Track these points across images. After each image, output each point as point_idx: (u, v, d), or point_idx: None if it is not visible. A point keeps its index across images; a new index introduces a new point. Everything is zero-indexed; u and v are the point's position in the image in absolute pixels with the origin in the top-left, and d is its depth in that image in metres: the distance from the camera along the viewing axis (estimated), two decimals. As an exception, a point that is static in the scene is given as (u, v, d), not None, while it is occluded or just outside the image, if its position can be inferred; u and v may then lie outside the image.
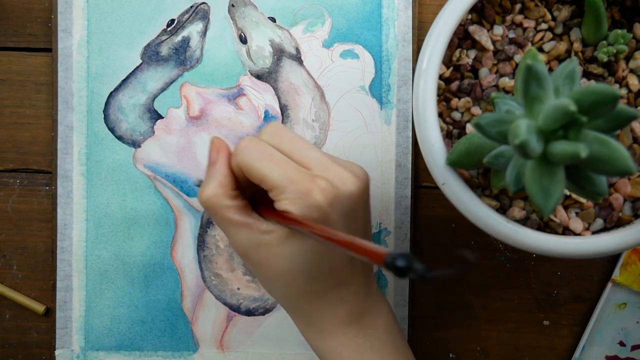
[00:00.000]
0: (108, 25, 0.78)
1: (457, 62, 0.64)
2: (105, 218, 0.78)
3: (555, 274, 0.79)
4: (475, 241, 0.79)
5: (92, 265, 0.78)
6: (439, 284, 0.80)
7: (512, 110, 0.52)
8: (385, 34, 0.78)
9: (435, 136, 0.60)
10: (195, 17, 0.78)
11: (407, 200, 0.78)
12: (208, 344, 0.79)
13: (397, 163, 0.78)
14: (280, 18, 0.78)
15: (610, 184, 0.63)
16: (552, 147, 0.48)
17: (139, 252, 0.79)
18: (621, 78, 0.63)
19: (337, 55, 0.78)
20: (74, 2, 0.77)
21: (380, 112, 0.78)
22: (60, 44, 0.78)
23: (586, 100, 0.47)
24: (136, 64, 0.78)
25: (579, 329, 0.80)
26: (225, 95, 0.78)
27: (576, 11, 0.64)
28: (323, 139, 0.78)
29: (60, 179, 0.78)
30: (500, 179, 0.60)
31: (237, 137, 0.78)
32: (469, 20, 0.64)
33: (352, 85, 0.78)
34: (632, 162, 0.47)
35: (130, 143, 0.78)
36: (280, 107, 0.78)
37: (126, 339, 0.79)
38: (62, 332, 0.79)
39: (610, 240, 0.60)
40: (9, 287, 0.80)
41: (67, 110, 0.77)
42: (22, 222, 0.80)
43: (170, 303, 0.79)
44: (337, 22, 0.78)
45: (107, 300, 0.79)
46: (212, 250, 0.79)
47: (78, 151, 0.78)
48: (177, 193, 0.78)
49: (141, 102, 0.78)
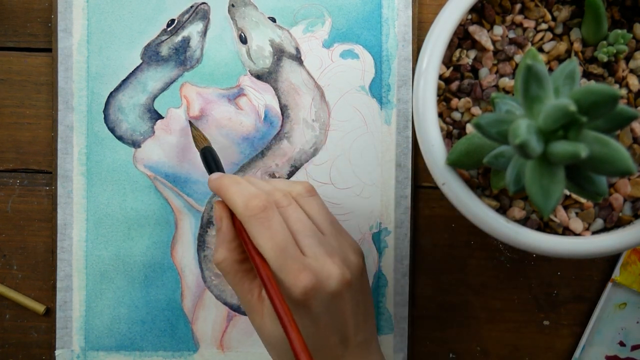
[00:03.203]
0: (108, 25, 0.78)
1: (457, 62, 0.64)
2: (106, 218, 0.78)
3: (555, 274, 0.79)
4: (475, 241, 0.79)
5: (92, 265, 0.78)
6: (439, 284, 0.80)
7: (512, 110, 0.52)
8: (385, 34, 0.78)
9: (435, 136, 0.60)
10: (195, 17, 0.78)
11: (407, 200, 0.78)
12: (208, 344, 0.79)
13: (397, 163, 0.77)
14: (281, 18, 0.78)
15: (610, 184, 0.62)
16: (552, 147, 0.48)
17: (139, 252, 0.79)
18: (621, 78, 0.62)
19: (337, 55, 0.78)
20: (74, 2, 0.77)
21: (380, 112, 0.78)
22: (60, 44, 0.77)
23: (586, 100, 0.47)
24: (136, 64, 0.78)
25: (579, 329, 0.80)
26: (226, 95, 0.78)
27: (576, 11, 0.64)
28: (323, 139, 0.78)
29: (61, 179, 0.78)
30: (500, 179, 0.59)
31: (238, 137, 0.78)
32: (469, 20, 0.64)
33: (352, 85, 0.78)
34: (632, 162, 0.47)
35: (130, 143, 0.78)
36: (280, 107, 0.78)
37: (126, 339, 0.79)
38: (62, 332, 0.78)
39: (610, 240, 0.60)
40: (9, 287, 0.80)
41: (67, 110, 0.77)
42: (22, 222, 0.80)
43: (171, 303, 0.79)
44: (337, 22, 0.78)
45: (107, 300, 0.79)
46: (212, 250, 0.78)
47: (78, 151, 0.78)
48: (177, 193, 0.78)
49: (141, 102, 0.78)
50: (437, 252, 0.80)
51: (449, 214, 0.79)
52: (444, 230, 0.79)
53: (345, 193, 0.78)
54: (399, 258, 0.78)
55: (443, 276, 0.80)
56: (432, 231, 0.79)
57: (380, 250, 0.78)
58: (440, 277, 0.80)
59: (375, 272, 0.78)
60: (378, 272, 0.78)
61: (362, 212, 0.78)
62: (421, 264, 0.79)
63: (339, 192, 0.78)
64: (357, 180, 0.78)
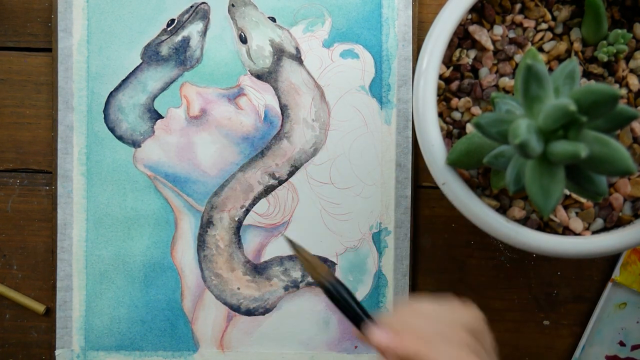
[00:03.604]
0: (108, 25, 0.78)
1: (457, 62, 0.63)
2: (106, 218, 0.78)
3: (555, 274, 0.79)
4: (475, 241, 0.79)
5: (92, 265, 0.78)
6: (439, 283, 0.79)
7: (512, 110, 0.52)
8: (385, 33, 0.77)
9: (435, 136, 0.60)
10: (195, 17, 0.78)
11: (407, 200, 0.77)
12: (208, 343, 0.79)
13: (397, 163, 0.77)
14: (281, 18, 0.78)
15: (610, 184, 0.62)
16: (552, 147, 0.48)
17: (139, 252, 0.78)
18: (621, 78, 0.62)
19: (337, 55, 0.78)
20: (74, 2, 0.77)
21: (380, 112, 0.78)
22: (60, 44, 0.77)
23: (586, 100, 0.47)
24: (136, 64, 0.78)
25: (579, 329, 0.80)
26: (226, 95, 0.78)
27: (576, 11, 0.63)
28: (323, 138, 0.78)
29: (61, 178, 0.77)
30: (500, 178, 0.59)
31: (238, 136, 0.78)
32: (469, 20, 0.64)
33: (352, 85, 0.78)
34: (632, 162, 0.47)
35: (130, 143, 0.78)
36: (280, 107, 0.78)
37: (126, 339, 0.79)
38: (62, 332, 0.78)
39: (610, 240, 0.60)
40: (9, 287, 0.80)
41: (67, 110, 0.77)
42: (22, 222, 0.80)
43: (171, 303, 0.79)
44: (337, 22, 0.78)
45: (107, 300, 0.79)
46: (212, 250, 0.78)
47: (78, 151, 0.77)
48: (177, 193, 0.78)
49: (141, 102, 0.78)
50: (437, 252, 0.79)
51: (449, 214, 0.79)
52: (444, 230, 0.79)
53: (345, 193, 0.78)
54: (399, 258, 0.78)
55: (443, 276, 0.80)
56: (432, 231, 0.79)
57: (380, 250, 0.78)
58: (440, 277, 0.80)
59: (375, 272, 0.78)
60: (378, 272, 0.78)
61: (362, 212, 0.78)
62: (421, 264, 0.79)
63: (339, 192, 0.78)
64: (357, 180, 0.78)
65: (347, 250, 0.78)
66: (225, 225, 0.78)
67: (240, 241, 0.78)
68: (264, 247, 0.79)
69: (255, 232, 0.79)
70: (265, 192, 0.78)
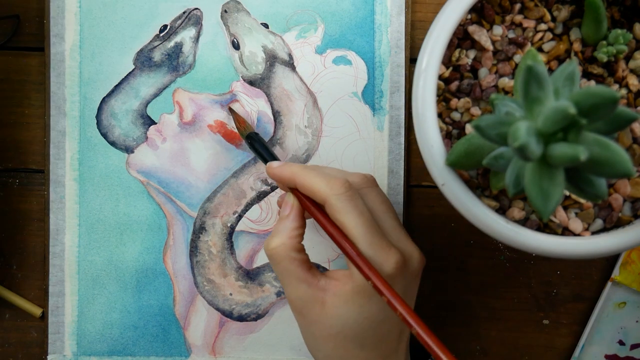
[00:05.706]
0: (101, 30, 0.77)
1: (456, 62, 0.63)
2: (98, 223, 0.77)
3: (555, 273, 0.79)
4: (475, 241, 0.79)
5: (84, 271, 0.78)
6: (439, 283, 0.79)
7: (511, 111, 0.51)
8: (378, 40, 0.77)
9: (434, 136, 0.60)
10: (187, 22, 0.77)
11: (399, 207, 0.77)
12: (200, 349, 0.78)
13: (389, 169, 0.77)
14: (273, 24, 0.77)
15: (609, 184, 0.62)
16: (552, 150, 0.47)
17: (132, 258, 0.78)
18: (621, 78, 0.62)
19: (330, 61, 0.77)
20: (67, 8, 0.76)
21: (372, 119, 0.77)
22: (52, 49, 0.76)
23: (586, 103, 0.46)
24: (129, 70, 0.77)
25: (579, 328, 0.80)
26: (218, 101, 0.77)
27: (576, 11, 0.63)
28: (315, 145, 0.77)
29: (53, 184, 0.77)
30: (499, 179, 0.59)
31: (231, 143, 0.77)
32: (469, 20, 0.63)
33: (344, 91, 0.77)
34: (631, 165, 0.46)
35: (123, 149, 0.77)
36: (273, 113, 0.77)
37: (118, 344, 0.78)
38: (54, 337, 0.78)
39: (610, 240, 0.60)
40: (8, 287, 0.79)
41: (60, 115, 0.76)
42: (21, 222, 0.79)
43: (163, 308, 0.78)
44: (329, 29, 0.77)
45: (100, 306, 0.78)
46: (205, 256, 0.78)
47: (70, 156, 0.77)
48: (169, 199, 0.77)
49: (134, 108, 0.77)
50: (437, 252, 0.79)
51: (448, 214, 0.78)
52: (443, 229, 0.79)
53: (339, 198, 0.77)
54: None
55: (443, 276, 0.79)
56: (432, 231, 0.79)
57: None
58: (440, 276, 0.79)
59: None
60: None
61: (355, 217, 0.77)
62: (421, 263, 0.79)
63: (332, 197, 0.77)
64: (350, 186, 0.77)
65: (340, 256, 0.78)
66: (218, 231, 0.78)
67: (232, 247, 0.78)
68: (256, 253, 0.78)
69: (248, 238, 0.78)
70: (257, 198, 0.78)
